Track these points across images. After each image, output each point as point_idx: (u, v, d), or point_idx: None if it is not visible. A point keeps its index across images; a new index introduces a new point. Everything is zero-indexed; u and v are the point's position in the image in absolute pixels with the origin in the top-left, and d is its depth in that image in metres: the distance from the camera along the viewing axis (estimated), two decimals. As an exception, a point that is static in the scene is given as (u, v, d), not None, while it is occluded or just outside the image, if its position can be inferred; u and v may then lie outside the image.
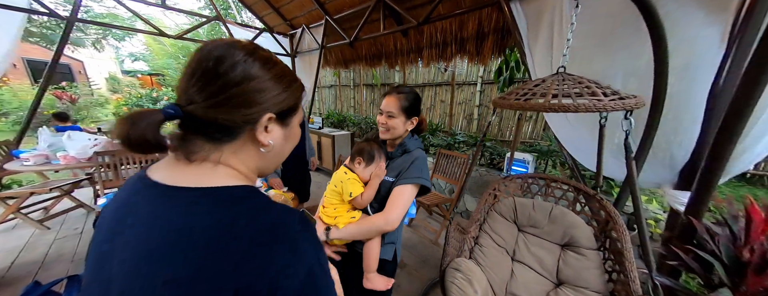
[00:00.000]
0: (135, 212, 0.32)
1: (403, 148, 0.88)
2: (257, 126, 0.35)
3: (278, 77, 0.36)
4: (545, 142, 2.64)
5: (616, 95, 0.73)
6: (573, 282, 0.98)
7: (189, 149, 0.34)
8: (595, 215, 1.08)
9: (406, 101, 0.84)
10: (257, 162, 0.39)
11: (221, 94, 0.32)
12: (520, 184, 1.32)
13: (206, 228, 0.28)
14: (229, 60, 0.32)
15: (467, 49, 2.81)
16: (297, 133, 0.43)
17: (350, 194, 0.79)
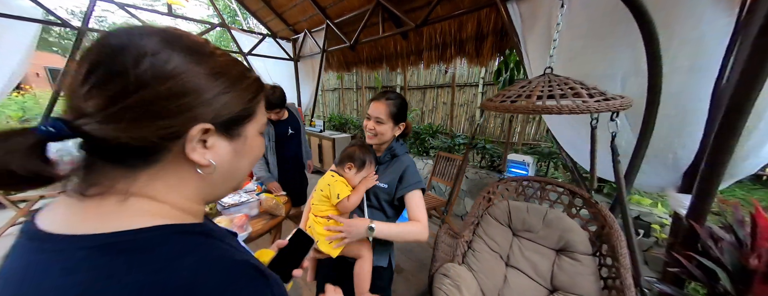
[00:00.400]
0: (5, 278, 0.22)
1: (392, 153, 0.89)
2: (186, 142, 0.25)
3: (214, 74, 0.26)
4: (547, 144, 2.58)
5: (602, 96, 0.71)
6: (567, 289, 0.95)
7: (87, 180, 0.24)
8: (591, 219, 1.04)
9: (395, 107, 0.84)
10: (196, 187, 0.28)
11: (121, 102, 0.22)
12: (516, 187, 1.29)
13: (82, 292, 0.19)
14: (132, 51, 0.22)
15: (467, 50, 2.80)
16: (256, 145, 0.32)
17: (338, 196, 0.77)
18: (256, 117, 0.31)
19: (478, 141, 2.80)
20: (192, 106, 0.24)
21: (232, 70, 0.28)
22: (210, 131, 0.26)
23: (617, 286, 0.83)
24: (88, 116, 0.22)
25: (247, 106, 0.29)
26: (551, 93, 0.76)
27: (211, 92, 0.25)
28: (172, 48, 0.24)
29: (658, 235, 1.51)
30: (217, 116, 0.26)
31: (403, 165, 0.86)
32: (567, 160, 1.68)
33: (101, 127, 0.22)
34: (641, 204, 1.69)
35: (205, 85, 0.25)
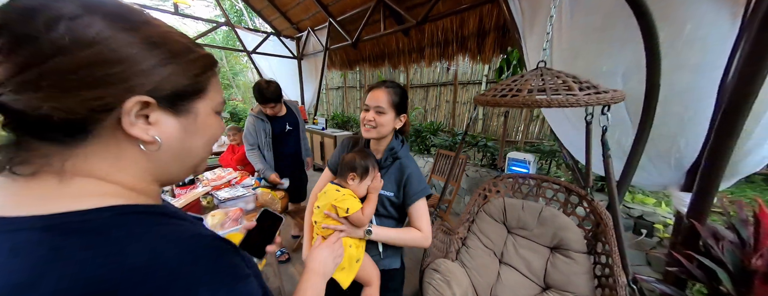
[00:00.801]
0: None
1: (393, 155, 0.81)
2: (123, 116, 0.23)
3: (150, 43, 0.24)
4: (549, 143, 2.53)
5: (593, 89, 0.69)
6: (560, 287, 0.94)
7: (17, 158, 0.22)
8: (587, 217, 1.02)
9: (396, 95, 0.77)
10: (145, 166, 0.27)
11: (34, 68, 0.20)
12: (512, 184, 1.28)
13: (19, 279, 0.18)
14: (45, 14, 0.20)
15: (468, 47, 2.77)
16: (210, 124, 0.30)
17: (347, 210, 0.68)
18: (207, 94, 0.29)
19: (479, 139, 2.77)
20: (125, 76, 0.22)
21: (173, 41, 0.26)
22: (151, 105, 0.24)
23: (610, 284, 0.82)
24: (5, 82, 0.20)
25: (194, 81, 0.27)
26: (542, 86, 0.75)
27: (147, 62, 0.24)
28: (94, 12, 0.22)
29: (661, 235, 1.47)
30: (158, 89, 0.24)
31: (406, 171, 0.79)
32: (568, 158, 1.65)
33: (16, 97, 0.20)
34: (645, 204, 1.64)
35: (138, 54, 0.23)
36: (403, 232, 0.78)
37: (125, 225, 0.23)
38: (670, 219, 1.50)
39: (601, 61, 1.26)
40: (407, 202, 0.78)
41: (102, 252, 0.20)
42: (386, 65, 3.76)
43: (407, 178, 0.78)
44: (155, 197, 0.29)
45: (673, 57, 0.95)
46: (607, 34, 1.20)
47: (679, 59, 0.97)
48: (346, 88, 5.83)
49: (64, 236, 0.20)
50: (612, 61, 1.22)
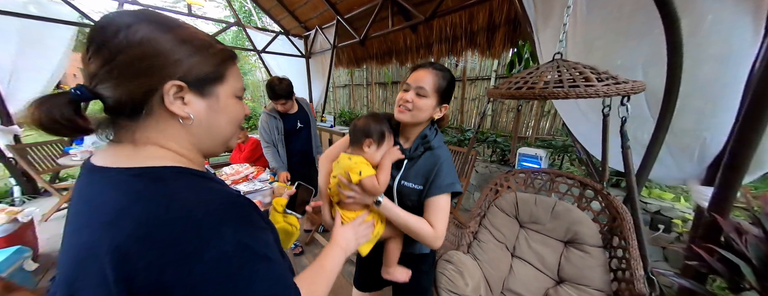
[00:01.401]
0: (75, 194, 0.33)
1: (426, 145, 0.72)
2: (165, 96, 0.31)
3: (180, 41, 0.32)
4: (562, 138, 2.49)
5: (612, 80, 0.68)
6: (575, 280, 0.94)
7: (114, 130, 0.33)
8: (602, 211, 1.01)
9: (444, 80, 0.67)
10: (187, 138, 0.35)
11: (108, 65, 0.29)
12: (524, 179, 1.27)
13: (101, 210, 0.28)
14: (111, 27, 0.29)
15: (478, 42, 2.74)
16: (231, 105, 0.37)
17: (360, 173, 0.64)
18: (226, 80, 0.37)
19: (488, 134, 2.75)
20: (162, 65, 0.31)
21: (198, 39, 0.34)
22: (184, 89, 0.32)
23: (627, 278, 0.81)
24: (94, 77, 0.30)
25: (214, 69, 0.35)
26: (559, 78, 0.75)
27: (178, 54, 0.32)
28: (141, 22, 0.30)
29: (679, 230, 1.43)
30: (187, 75, 0.32)
31: (439, 161, 0.70)
32: (582, 153, 1.62)
33: (102, 86, 0.30)
34: (662, 199, 1.60)
35: (171, 48, 0.31)
36: (415, 219, 0.68)
37: (179, 178, 0.32)
38: (690, 215, 1.46)
39: (617, 55, 1.23)
40: (427, 194, 0.69)
41: (164, 191, 0.30)
42: (393, 62, 3.76)
43: (438, 169, 0.69)
44: (200, 165, 0.38)
45: (694, 47, 0.92)
46: (625, 27, 1.17)
47: (702, 50, 0.94)
48: (352, 85, 5.85)
49: (142, 180, 0.30)
50: (629, 54, 1.19)
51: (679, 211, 1.48)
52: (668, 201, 1.57)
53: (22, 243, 1.46)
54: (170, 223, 0.27)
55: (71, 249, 0.30)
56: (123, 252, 0.26)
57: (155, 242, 0.26)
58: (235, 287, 0.27)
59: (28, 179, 2.41)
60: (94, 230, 0.28)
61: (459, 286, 0.86)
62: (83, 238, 0.29)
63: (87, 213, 0.30)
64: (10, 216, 1.46)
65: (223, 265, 0.27)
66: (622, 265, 0.86)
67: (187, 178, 0.32)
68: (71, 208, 0.33)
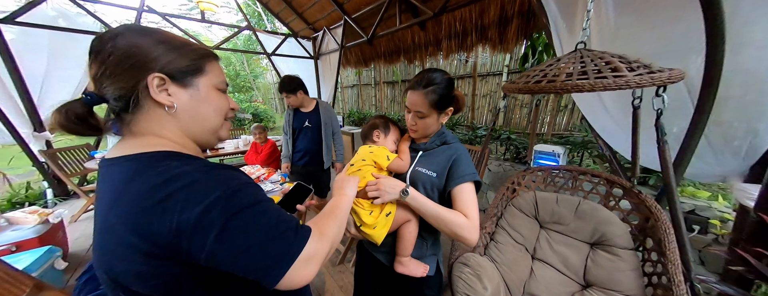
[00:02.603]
0: (98, 182, 0.40)
1: (442, 139, 0.76)
2: (150, 87, 0.37)
3: (158, 41, 0.37)
4: (581, 133, 2.37)
5: (646, 69, 0.62)
6: (603, 285, 0.88)
7: (120, 127, 0.39)
8: (634, 211, 0.94)
9: (435, 94, 0.68)
10: (177, 125, 0.40)
11: (103, 66, 0.35)
12: (543, 177, 1.21)
13: (109, 190, 0.35)
14: (104, 38, 0.36)
15: (489, 36, 2.66)
16: (212, 96, 0.42)
17: (388, 157, 0.71)
18: (206, 73, 0.41)
19: (501, 131, 2.66)
20: (144, 61, 0.36)
21: (175, 40, 0.39)
22: (166, 81, 0.38)
23: (664, 283, 0.75)
24: (97, 81, 0.37)
25: (193, 63, 0.40)
26: (584, 69, 0.69)
27: (157, 52, 0.37)
28: (126, 31, 0.37)
29: (717, 231, 1.32)
30: (167, 67, 0.38)
31: (456, 153, 0.72)
32: (604, 149, 1.53)
33: (103, 87, 0.36)
34: (697, 197, 1.48)
35: (150, 48, 0.37)
36: (447, 211, 0.65)
37: (171, 158, 0.37)
38: (729, 215, 1.35)
39: (644, 43, 1.14)
40: (450, 184, 0.68)
41: (162, 168, 0.34)
42: (401, 60, 3.72)
43: (455, 159, 0.70)
44: (195, 152, 0.42)
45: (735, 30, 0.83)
46: (653, 12, 1.08)
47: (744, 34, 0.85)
48: (360, 85, 5.85)
49: (137, 162, 0.36)
50: (658, 41, 1.11)
51: (717, 211, 1.36)
52: (704, 200, 1.45)
53: (53, 243, 1.54)
54: (170, 183, 0.32)
55: (96, 224, 0.37)
56: (139, 209, 0.31)
57: (161, 198, 0.31)
58: (240, 223, 0.33)
59: (59, 182, 2.56)
60: (104, 213, 0.34)
61: (477, 290, 0.82)
62: (99, 224, 0.35)
63: (101, 196, 0.37)
64: (42, 218, 1.55)
65: (222, 206, 0.32)
66: (658, 270, 0.80)
67: (178, 158, 0.37)
68: (96, 201, 0.39)
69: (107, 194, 0.35)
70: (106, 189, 0.36)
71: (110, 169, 0.37)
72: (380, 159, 0.71)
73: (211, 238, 0.31)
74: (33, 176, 3.09)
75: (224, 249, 0.32)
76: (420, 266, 0.73)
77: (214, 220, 0.31)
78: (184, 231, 0.31)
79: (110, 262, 0.34)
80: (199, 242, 0.31)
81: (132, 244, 0.31)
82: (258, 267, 0.33)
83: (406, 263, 0.72)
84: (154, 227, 0.31)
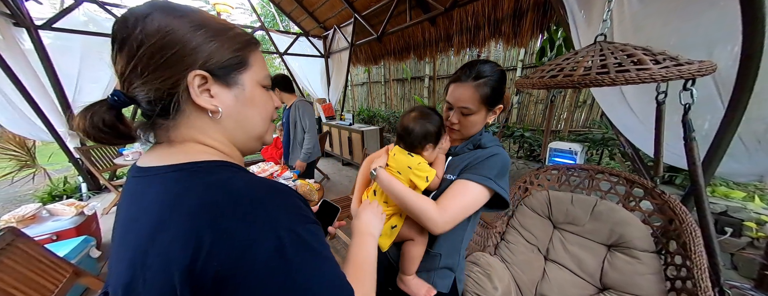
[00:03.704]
0: (123, 196, 0.34)
1: (476, 143, 0.66)
2: (190, 89, 0.30)
3: (196, 25, 0.30)
4: (601, 130, 2.26)
5: (673, 61, 0.59)
6: (621, 288, 0.84)
7: (154, 131, 0.33)
8: (656, 212, 0.89)
9: (488, 87, 0.59)
10: (221, 132, 0.34)
11: (133, 61, 0.28)
12: (558, 176, 1.17)
13: (152, 211, 0.27)
14: (129, 20, 0.28)
15: (502, 30, 2.57)
16: (258, 95, 0.35)
17: (427, 179, 0.61)
18: (250, 67, 0.34)
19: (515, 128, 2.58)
20: (181, 55, 0.29)
21: (214, 23, 0.31)
22: (209, 80, 0.31)
23: (689, 289, 0.71)
24: (125, 79, 0.30)
25: (236, 55, 0.32)
26: (604, 62, 0.66)
27: (196, 41, 0.30)
28: (154, 10, 0.29)
29: (752, 234, 1.22)
30: (208, 62, 0.30)
31: (487, 154, 0.63)
32: (626, 147, 1.45)
33: (133, 87, 0.30)
34: (730, 198, 1.37)
35: (187, 34, 0.29)
36: (414, 193, 0.59)
37: (220, 170, 0.31)
38: (766, 216, 1.24)
39: (669, 34, 1.07)
40: (460, 177, 0.60)
41: (210, 180, 0.29)
42: (411, 57, 3.68)
43: (483, 160, 0.61)
44: (239, 161, 0.36)
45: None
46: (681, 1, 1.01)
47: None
48: (370, 83, 5.86)
49: (188, 174, 0.29)
50: (683, 33, 1.03)
51: (752, 213, 1.26)
52: (738, 201, 1.35)
53: (88, 234, 1.67)
54: (227, 210, 0.26)
55: (125, 253, 0.28)
56: (185, 246, 0.24)
57: (213, 231, 0.25)
58: (294, 280, 0.25)
59: (92, 177, 2.75)
60: (147, 231, 0.27)
61: (487, 290, 0.81)
62: (137, 240, 0.27)
63: (136, 217, 0.29)
64: (78, 210, 1.68)
65: (281, 259, 0.25)
66: (682, 274, 0.75)
67: (228, 170, 0.31)
68: (121, 212, 0.32)
69: (147, 210, 0.28)
70: (143, 202, 0.29)
71: (152, 183, 0.30)
72: (419, 182, 0.61)
73: (276, 281, 0.25)
74: (69, 171, 3.34)
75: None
76: (422, 287, 0.65)
77: (273, 276, 0.25)
78: (232, 282, 0.24)
79: (132, 287, 0.26)
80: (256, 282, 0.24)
81: (167, 276, 0.24)
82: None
83: (408, 282, 0.66)
84: (198, 273, 0.24)
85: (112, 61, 0.30)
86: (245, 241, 0.25)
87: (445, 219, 0.56)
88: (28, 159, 3.17)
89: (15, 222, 1.49)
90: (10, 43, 2.16)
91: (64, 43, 2.53)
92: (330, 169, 3.88)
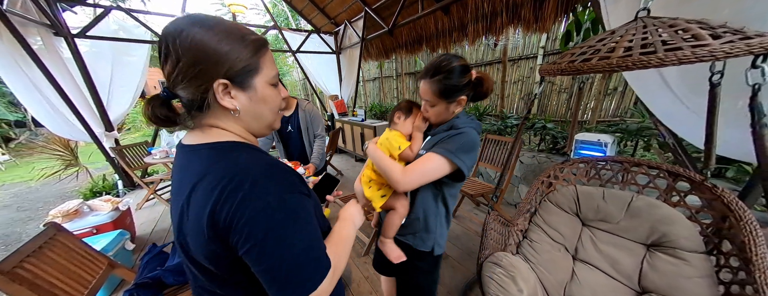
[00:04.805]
0: (175, 165, 0.46)
1: (450, 125, 0.75)
2: (216, 93, 0.38)
3: (220, 38, 0.37)
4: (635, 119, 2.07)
5: (738, 34, 0.50)
6: (664, 292, 0.76)
7: (191, 119, 0.43)
8: (705, 208, 0.80)
9: (441, 84, 0.68)
10: (240, 123, 0.44)
11: (176, 69, 0.37)
12: (586, 170, 1.08)
13: (193, 173, 0.39)
14: (170, 35, 0.36)
15: (522, 15, 2.41)
16: (268, 94, 0.44)
17: (399, 147, 0.74)
18: (261, 70, 0.42)
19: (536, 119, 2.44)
20: (210, 67, 0.37)
21: (233, 33, 0.38)
22: (229, 85, 0.39)
23: (748, 294, 0.62)
24: (170, 81, 0.39)
25: (249, 62, 0.40)
26: (646, 42, 0.58)
27: (219, 52, 0.37)
28: (189, 26, 0.37)
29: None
30: (229, 71, 0.38)
31: (456, 133, 0.71)
32: (667, 136, 1.32)
33: (176, 89, 0.39)
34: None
35: (213, 48, 0.37)
36: (389, 159, 0.72)
37: (239, 149, 0.41)
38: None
39: (730, 4, 0.93)
40: (428, 151, 0.70)
41: (230, 157, 0.40)
42: (424, 49, 3.57)
43: (450, 137, 0.70)
44: (254, 142, 0.47)
45: None
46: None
47: None
48: (382, 78, 5.79)
49: (215, 150, 0.41)
50: (739, 2, 0.89)
51: (822, 210, 1.10)
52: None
53: (123, 227, 1.80)
54: (236, 177, 0.36)
55: (177, 201, 0.41)
56: (209, 197, 0.36)
57: (226, 190, 0.35)
58: (278, 236, 0.36)
59: (126, 174, 2.97)
60: (189, 185, 0.39)
61: (512, 292, 0.77)
62: (184, 194, 0.39)
63: (183, 177, 0.41)
64: (114, 205, 1.81)
65: (267, 215, 0.35)
66: (740, 277, 0.67)
67: (246, 149, 0.42)
68: (175, 175, 0.44)
69: (190, 173, 0.40)
70: (187, 168, 0.41)
71: (193, 155, 0.42)
72: (392, 149, 0.75)
73: (251, 241, 0.35)
74: (107, 169, 3.62)
75: (258, 252, 0.35)
76: (394, 251, 0.79)
77: (258, 225, 0.35)
78: (234, 226, 0.35)
79: (181, 229, 0.40)
80: (241, 239, 0.35)
81: (200, 226, 0.37)
82: (275, 284, 0.36)
83: (385, 244, 0.80)
84: (215, 216, 0.35)
85: (161, 66, 0.39)
86: (245, 199, 0.35)
87: (406, 179, 0.68)
88: (72, 158, 3.47)
89: (60, 217, 1.64)
90: (51, 52, 2.34)
91: (98, 50, 2.72)
92: (343, 165, 3.92)
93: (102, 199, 1.86)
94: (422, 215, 0.78)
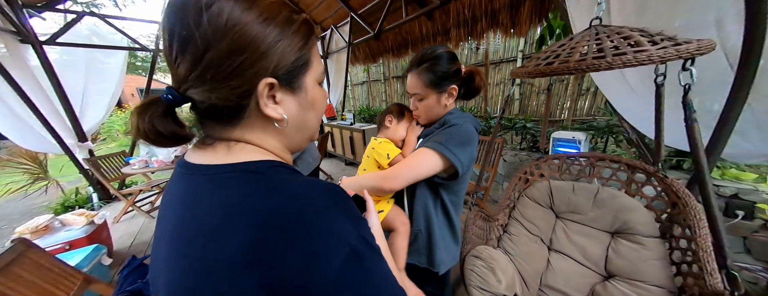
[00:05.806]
0: (171, 192, 0.30)
1: (443, 122, 0.69)
2: (259, 98, 0.27)
3: (264, 19, 0.26)
4: (605, 117, 2.22)
5: (671, 42, 0.57)
6: (627, 275, 0.83)
7: (206, 133, 0.30)
8: (659, 197, 0.88)
9: (431, 73, 0.64)
10: (280, 139, 0.32)
11: (198, 66, 0.25)
12: (559, 165, 1.15)
13: (208, 212, 0.25)
14: (188, 10, 0.24)
15: (500, 21, 2.54)
16: (317, 96, 0.33)
17: (387, 156, 0.67)
18: (312, 65, 0.31)
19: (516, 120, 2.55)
20: (253, 60, 0.26)
21: (279, 13, 0.27)
22: (275, 86, 0.28)
23: (695, 272, 0.70)
24: (185, 82, 0.26)
25: (301, 55, 0.29)
26: (600, 46, 0.65)
27: (266, 42, 0.26)
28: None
29: (765, 216, 1.19)
30: (278, 68, 0.27)
31: (450, 128, 0.66)
32: (630, 133, 1.43)
33: (195, 90, 0.26)
34: (740, 180, 1.34)
35: (258, 34, 0.25)
36: (365, 176, 0.66)
37: (277, 171, 0.28)
38: (779, 199, 1.21)
39: (676, 13, 1.04)
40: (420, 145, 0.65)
41: (265, 183, 0.26)
42: (409, 53, 3.66)
43: (443, 131, 0.65)
44: (289, 161, 0.34)
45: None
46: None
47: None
48: (370, 82, 5.85)
49: (243, 173, 0.27)
50: (694, 9, 1.00)
51: (764, 194, 1.23)
52: (749, 183, 1.31)
53: (99, 242, 1.72)
54: (287, 219, 0.23)
55: (179, 252, 0.25)
56: (252, 258, 0.22)
57: (280, 243, 0.22)
58: (373, 282, 0.25)
59: (102, 187, 2.82)
60: (210, 234, 0.24)
61: (491, 283, 0.81)
62: (196, 250, 0.24)
63: (196, 216, 0.26)
64: (89, 219, 1.73)
65: (354, 260, 0.24)
66: (688, 258, 0.74)
67: (283, 171, 0.29)
68: (173, 208, 0.29)
69: (205, 215, 0.25)
70: (197, 206, 0.26)
71: (202, 180, 0.27)
72: (380, 158, 0.68)
73: (353, 287, 0.23)
74: (81, 182, 3.44)
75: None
76: (411, 288, 0.68)
77: (353, 276, 0.23)
78: (310, 287, 0.22)
79: None
80: None
81: (237, 288, 0.22)
82: None
83: (400, 278, 0.70)
84: (272, 272, 0.22)
85: (167, 57, 0.26)
86: (318, 250, 0.23)
87: (391, 173, 0.61)
88: (41, 172, 3.26)
89: (28, 234, 1.54)
90: (17, 60, 2.22)
91: (69, 57, 2.60)
92: (333, 170, 3.91)
93: (75, 213, 1.77)
94: (424, 225, 0.71)
